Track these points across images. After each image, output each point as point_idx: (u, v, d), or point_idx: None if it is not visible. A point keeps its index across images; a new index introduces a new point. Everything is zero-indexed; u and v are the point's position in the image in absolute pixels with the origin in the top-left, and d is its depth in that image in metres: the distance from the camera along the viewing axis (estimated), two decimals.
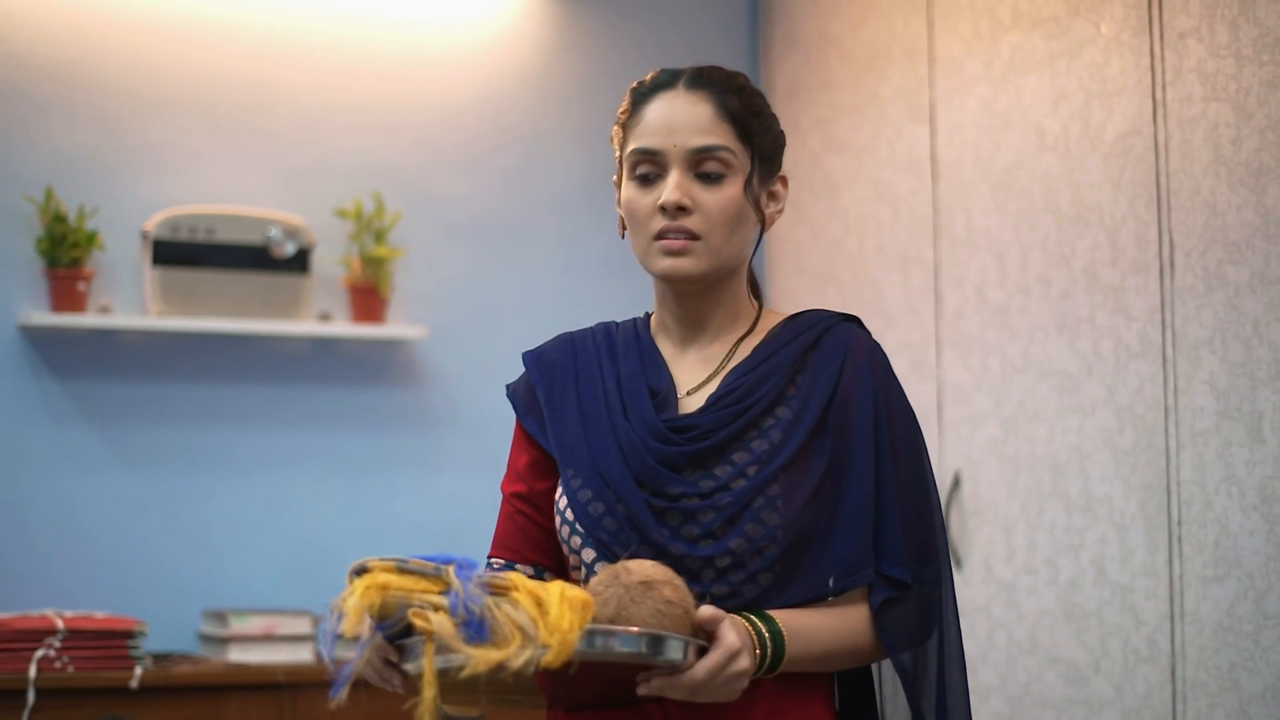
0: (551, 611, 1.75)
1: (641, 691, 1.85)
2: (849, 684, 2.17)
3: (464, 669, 1.74)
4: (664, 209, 2.07)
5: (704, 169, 2.08)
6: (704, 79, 2.12)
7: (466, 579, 1.77)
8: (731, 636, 1.86)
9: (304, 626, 4.04)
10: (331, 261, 4.41)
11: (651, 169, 2.11)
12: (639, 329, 2.21)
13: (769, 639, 1.94)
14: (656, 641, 1.79)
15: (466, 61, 4.65)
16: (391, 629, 1.84)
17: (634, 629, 1.79)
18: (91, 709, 3.70)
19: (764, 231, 2.17)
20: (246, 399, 4.36)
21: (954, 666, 2.08)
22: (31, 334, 4.15)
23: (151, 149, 4.31)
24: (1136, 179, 3.53)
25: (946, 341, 4.05)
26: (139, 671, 3.75)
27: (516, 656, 1.73)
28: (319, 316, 4.38)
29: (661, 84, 2.14)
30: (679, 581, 1.87)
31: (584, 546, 2.07)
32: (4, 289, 4.15)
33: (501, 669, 1.73)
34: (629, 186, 2.14)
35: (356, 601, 1.80)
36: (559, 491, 2.13)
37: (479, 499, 4.49)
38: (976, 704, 3.74)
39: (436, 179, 4.58)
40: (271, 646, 4.00)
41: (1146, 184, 3.50)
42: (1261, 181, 3.22)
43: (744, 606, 1.98)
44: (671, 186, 2.07)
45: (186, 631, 4.19)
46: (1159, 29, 3.47)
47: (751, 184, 2.10)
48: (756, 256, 2.26)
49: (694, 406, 2.10)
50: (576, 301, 4.66)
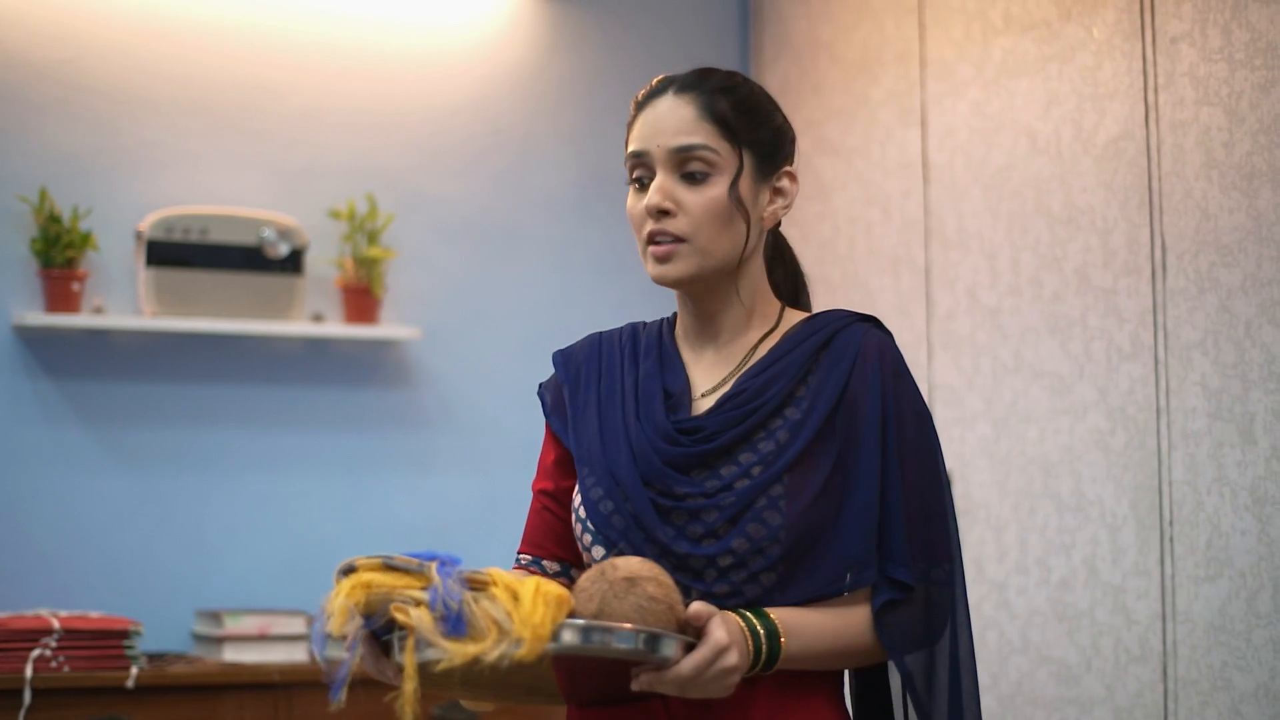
0: (524, 606, 1.77)
1: (634, 687, 1.86)
2: (865, 686, 2.18)
3: (441, 663, 1.76)
4: (649, 212, 2.08)
5: (687, 169, 2.08)
6: (695, 82, 2.12)
7: (447, 575, 1.79)
8: (719, 633, 1.86)
9: (298, 626, 4.05)
10: (324, 262, 4.42)
11: (644, 173, 2.12)
12: (664, 330, 2.22)
13: (763, 636, 1.94)
14: (637, 637, 1.80)
15: (459, 63, 4.66)
16: (378, 624, 1.86)
17: (619, 625, 1.81)
18: (87, 709, 3.70)
19: (766, 228, 2.16)
20: (240, 399, 4.36)
21: (966, 672, 2.09)
22: (26, 334, 4.16)
23: (146, 150, 4.32)
24: (1128, 182, 3.55)
25: (938, 343, 4.08)
26: (135, 671, 3.75)
27: (492, 650, 1.75)
28: (312, 317, 4.39)
29: (657, 90, 2.15)
30: (665, 578, 1.88)
31: (594, 544, 2.08)
32: None
33: (478, 662, 1.75)
34: (629, 192, 2.15)
35: (342, 601, 1.83)
36: (576, 489, 2.15)
37: (471, 498, 4.54)
38: None
39: (429, 180, 4.60)
40: (266, 646, 4.01)
41: (1138, 187, 3.52)
42: (1253, 185, 3.25)
43: (746, 605, 1.99)
44: (653, 189, 2.08)
45: (180, 631, 4.20)
46: (1151, 33, 3.50)
47: (738, 183, 2.09)
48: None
49: (707, 408, 2.11)
50: (568, 302, 4.68)
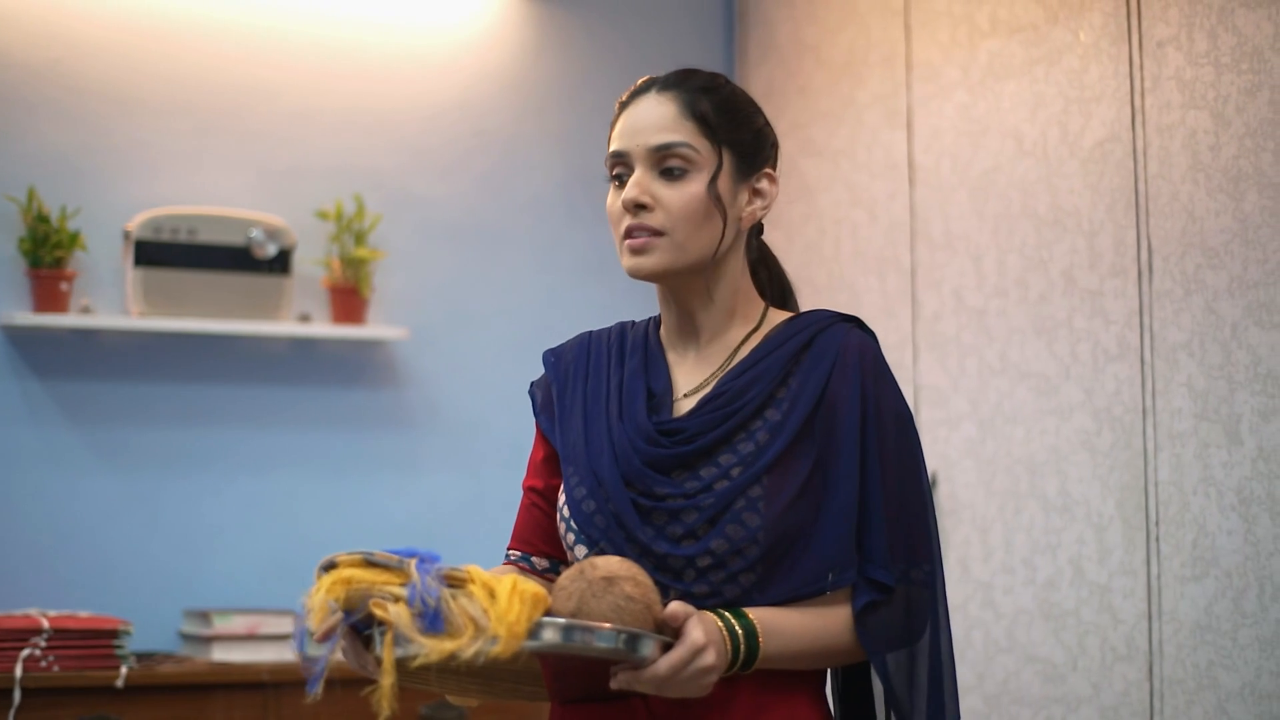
0: (501, 603, 1.78)
1: (613, 685, 1.87)
2: (848, 683, 2.19)
3: (417, 658, 1.77)
4: (626, 207, 2.10)
5: (666, 165, 2.09)
6: (677, 81, 2.14)
7: (426, 572, 1.80)
8: (696, 633, 1.87)
9: (287, 626, 4.05)
10: (312, 262, 4.42)
11: (624, 170, 2.13)
12: (650, 330, 2.23)
13: (741, 636, 1.95)
14: (617, 637, 1.82)
15: (445, 64, 4.67)
16: (357, 618, 1.87)
17: (599, 624, 1.82)
18: (77, 708, 3.71)
19: (744, 228, 2.17)
20: (228, 399, 4.37)
21: (946, 671, 2.10)
22: (13, 334, 4.15)
23: (134, 150, 4.32)
24: (1115, 185, 3.58)
25: (923, 344, 4.10)
26: (124, 671, 3.75)
27: (468, 647, 1.77)
28: (299, 317, 4.40)
29: (639, 90, 2.17)
30: (643, 578, 1.89)
31: (577, 543, 2.10)
32: None
33: (454, 658, 1.77)
34: (609, 190, 2.16)
35: (322, 596, 1.85)
36: (562, 488, 2.16)
37: (457, 498, 4.55)
38: None
39: (415, 181, 4.60)
40: (255, 646, 4.01)
41: (1125, 189, 3.55)
42: (1240, 188, 3.27)
43: (725, 605, 2.00)
44: (631, 184, 2.10)
45: (168, 631, 4.20)
46: (1138, 37, 3.53)
47: (717, 181, 2.10)
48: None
49: (688, 409, 2.12)
50: (553, 303, 4.70)
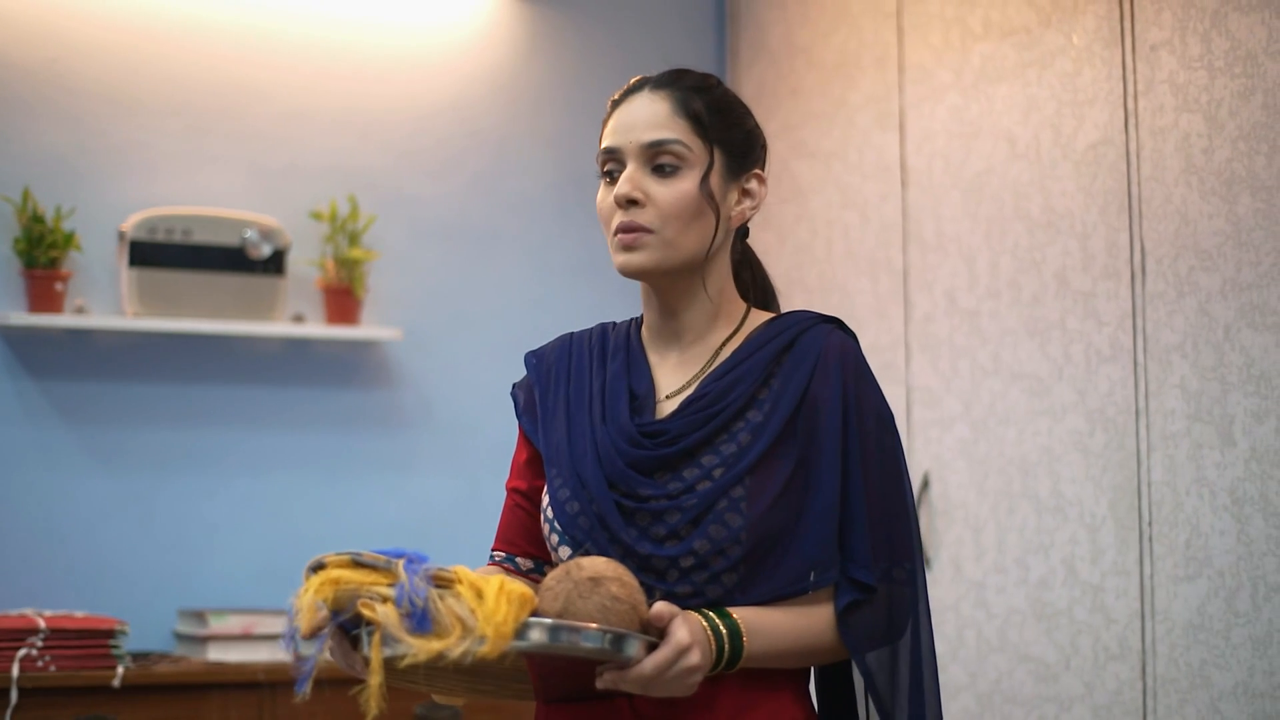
0: (488, 604, 1.79)
1: (598, 685, 1.89)
2: (830, 680, 2.21)
3: (405, 658, 1.79)
4: (618, 203, 2.11)
5: (658, 162, 2.11)
6: (669, 80, 2.16)
7: (414, 572, 1.81)
8: (681, 633, 1.89)
9: (282, 625, 4.04)
10: (306, 263, 4.43)
11: (614, 167, 2.14)
12: (631, 332, 2.24)
13: (726, 636, 1.96)
14: (603, 637, 1.83)
15: (437, 65, 4.68)
16: (345, 618, 1.89)
17: (585, 624, 1.83)
18: (74, 708, 3.71)
19: (733, 228, 2.18)
20: (221, 399, 4.37)
21: (927, 668, 2.11)
22: (8, 334, 4.16)
23: (128, 150, 4.32)
24: (1108, 187, 3.60)
25: (915, 345, 4.12)
26: (121, 671, 3.76)
27: (456, 647, 1.78)
28: (293, 318, 4.41)
29: (632, 89, 2.18)
30: (629, 579, 1.90)
31: (561, 544, 2.11)
32: None
33: (442, 658, 1.78)
34: (600, 187, 2.18)
35: (310, 597, 1.86)
36: (545, 489, 2.18)
37: (450, 499, 4.56)
38: (946, 701, 3.81)
39: (407, 181, 4.62)
40: (250, 645, 4.02)
41: (1118, 192, 3.57)
42: (1233, 191, 3.30)
43: (707, 605, 2.01)
44: (622, 180, 2.11)
45: (162, 631, 4.21)
46: (1131, 41, 3.55)
47: (708, 179, 2.11)
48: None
49: (671, 410, 2.14)
50: (544, 304, 4.71)
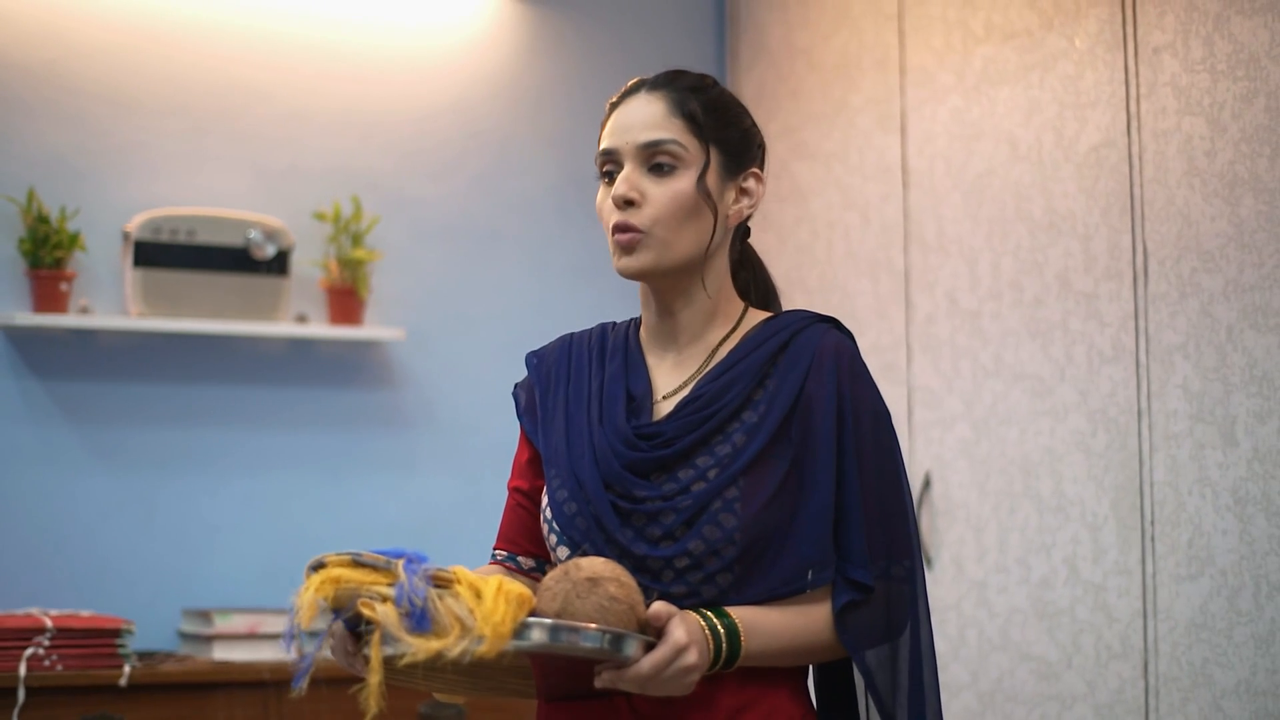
0: (486, 604, 1.81)
1: (596, 684, 1.90)
2: (830, 679, 2.21)
3: (405, 657, 1.81)
4: (615, 203, 2.12)
5: (654, 162, 2.12)
6: (666, 81, 2.17)
7: (413, 572, 1.83)
8: (679, 633, 1.90)
9: (286, 625, 4.07)
10: (309, 264, 4.45)
11: (612, 168, 2.15)
12: (630, 332, 2.25)
13: (723, 635, 1.98)
14: (603, 637, 1.85)
15: (439, 67, 4.70)
16: (346, 616, 1.91)
17: (585, 625, 1.85)
18: (81, 707, 3.72)
19: (731, 226, 2.19)
20: (225, 399, 4.39)
21: (927, 666, 2.12)
22: (13, 334, 4.17)
23: (133, 151, 4.33)
24: (1110, 189, 3.62)
25: (917, 346, 4.13)
26: (127, 670, 3.77)
27: (454, 646, 1.80)
28: (296, 318, 4.42)
29: (630, 91, 2.19)
30: (627, 579, 1.92)
31: (559, 544, 2.12)
32: None
33: (441, 657, 1.80)
34: (599, 188, 2.19)
35: (311, 596, 1.88)
36: (545, 489, 2.19)
37: (453, 498, 4.58)
38: (947, 700, 3.83)
39: (409, 182, 4.63)
40: (255, 645, 4.03)
41: (1120, 194, 3.59)
42: (1236, 193, 3.32)
43: (704, 605, 2.02)
44: (620, 180, 2.12)
45: (166, 630, 4.22)
46: (1133, 44, 3.57)
47: (705, 177, 2.12)
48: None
49: (667, 411, 2.15)
50: (545, 304, 4.73)
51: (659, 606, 1.92)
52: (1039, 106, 3.82)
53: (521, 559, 2.25)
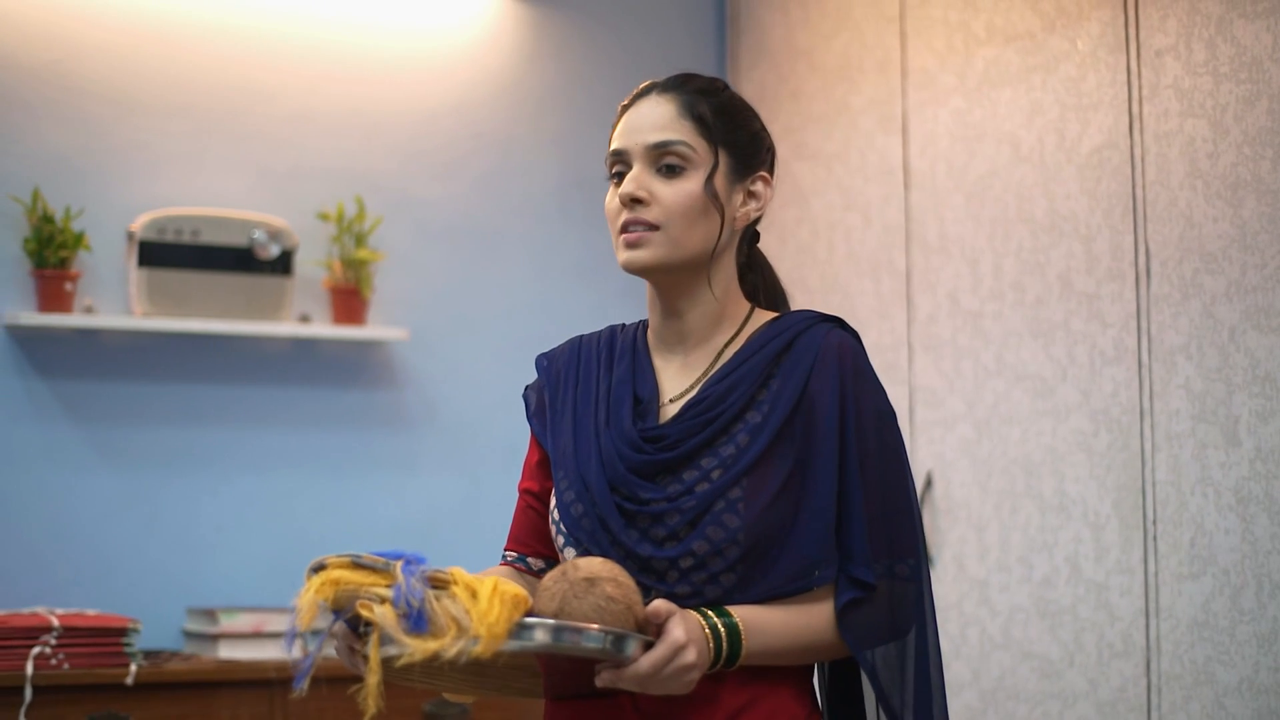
0: (481, 604, 1.82)
1: (597, 684, 1.91)
2: (838, 677, 2.23)
3: (402, 657, 1.82)
4: (623, 202, 2.14)
5: (663, 163, 2.13)
6: (676, 84, 2.19)
7: (410, 573, 1.85)
8: (677, 631, 1.91)
9: (288, 625, 4.08)
10: (313, 264, 4.46)
11: (622, 168, 2.17)
12: (638, 335, 2.26)
13: (724, 634, 1.99)
14: (604, 637, 1.86)
15: (442, 68, 4.71)
16: (346, 617, 1.93)
17: (589, 625, 1.86)
18: (88, 705, 3.73)
19: (738, 229, 2.20)
20: (229, 399, 4.40)
21: (933, 664, 2.13)
22: (18, 333, 4.18)
23: (138, 151, 4.34)
24: (1112, 190, 3.64)
25: (918, 345, 4.15)
26: (134, 668, 3.78)
27: (450, 646, 1.81)
28: (299, 318, 4.43)
29: (640, 94, 2.21)
30: (624, 579, 1.93)
31: (566, 545, 2.14)
32: None
33: (437, 658, 1.82)
34: (608, 188, 2.20)
35: (311, 598, 1.89)
36: (553, 491, 2.21)
37: (455, 498, 4.59)
38: (949, 698, 3.84)
39: (412, 183, 4.64)
40: (260, 643, 4.04)
41: (1122, 195, 3.61)
42: (1239, 195, 3.34)
43: (707, 605, 2.04)
44: (628, 179, 2.14)
45: (170, 629, 4.23)
46: (1136, 46, 3.59)
47: (713, 179, 2.14)
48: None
49: (674, 414, 2.16)
50: (547, 305, 4.74)
51: (659, 604, 1.93)
52: (1041, 108, 3.84)
53: (531, 560, 2.27)
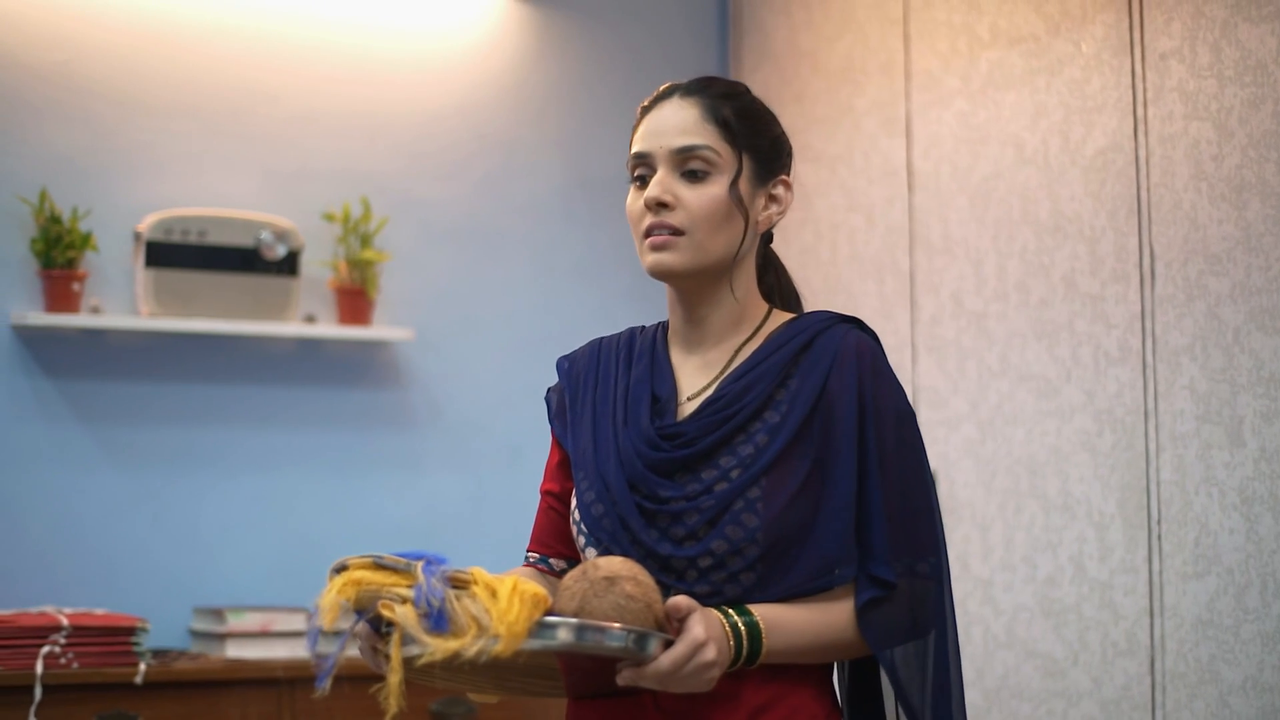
0: (501, 604, 1.83)
1: (619, 682, 1.92)
2: (858, 676, 2.23)
3: (423, 657, 1.83)
4: (648, 206, 2.14)
5: (688, 167, 2.14)
6: (699, 88, 2.19)
7: (431, 574, 1.86)
8: (697, 629, 1.92)
9: (299, 622, 4.10)
10: (318, 264, 4.48)
11: (645, 171, 2.18)
12: (658, 336, 2.27)
13: (744, 632, 1.99)
14: (627, 636, 1.87)
15: (446, 69, 4.73)
16: (368, 617, 1.94)
17: (610, 624, 1.87)
18: (97, 705, 3.74)
19: (760, 232, 2.21)
20: (235, 399, 4.41)
21: (953, 663, 2.13)
22: (25, 333, 4.19)
23: (144, 152, 4.36)
24: (1117, 192, 3.66)
25: (922, 346, 4.17)
26: (143, 668, 3.79)
27: (471, 646, 1.83)
28: (305, 318, 4.45)
29: (662, 96, 2.22)
30: (644, 578, 1.94)
31: (587, 545, 2.15)
32: None
33: (458, 657, 1.83)
34: (630, 191, 2.21)
35: (333, 598, 1.90)
36: (574, 492, 2.22)
37: (460, 498, 4.61)
38: None
39: (417, 184, 4.66)
40: (268, 642, 4.06)
41: (1127, 197, 3.63)
42: (1243, 197, 3.36)
43: (726, 604, 2.04)
44: (653, 183, 2.14)
45: (177, 628, 4.24)
46: (1140, 49, 3.61)
47: (737, 183, 2.15)
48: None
49: (690, 412, 2.17)
50: (551, 305, 4.76)
51: (680, 599, 1.94)
52: (1045, 111, 3.86)
53: (554, 560, 2.28)
